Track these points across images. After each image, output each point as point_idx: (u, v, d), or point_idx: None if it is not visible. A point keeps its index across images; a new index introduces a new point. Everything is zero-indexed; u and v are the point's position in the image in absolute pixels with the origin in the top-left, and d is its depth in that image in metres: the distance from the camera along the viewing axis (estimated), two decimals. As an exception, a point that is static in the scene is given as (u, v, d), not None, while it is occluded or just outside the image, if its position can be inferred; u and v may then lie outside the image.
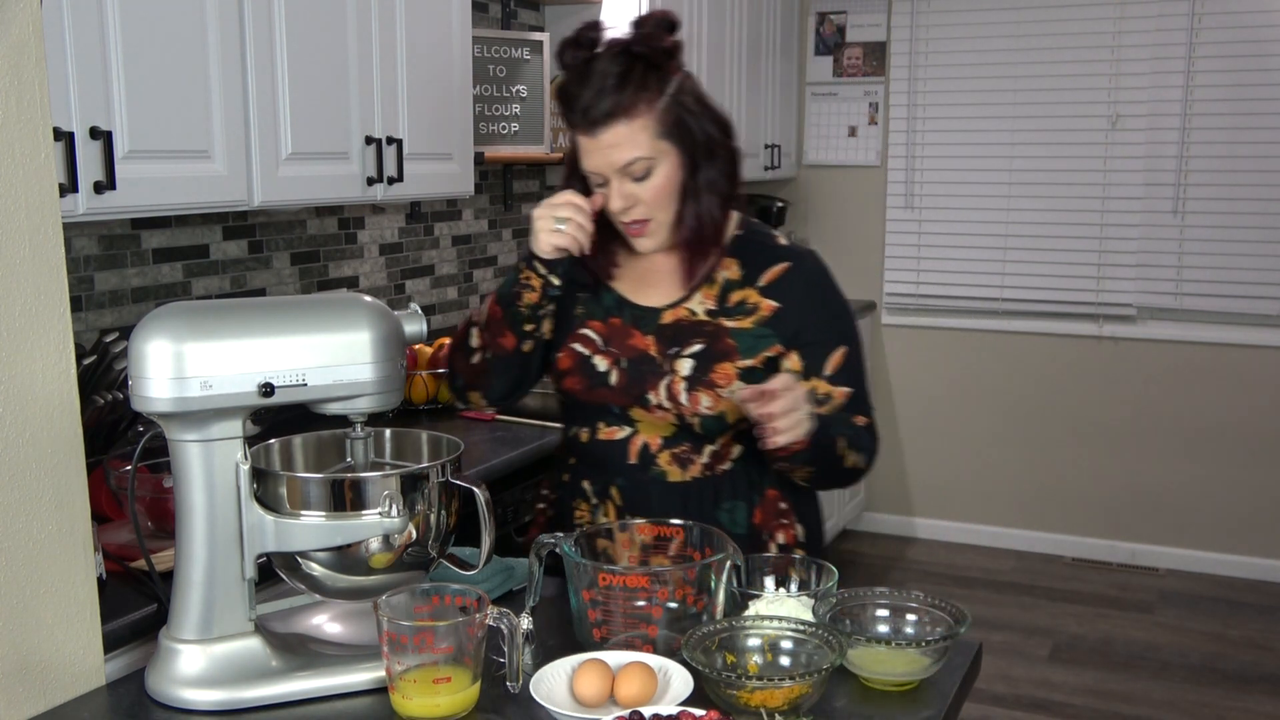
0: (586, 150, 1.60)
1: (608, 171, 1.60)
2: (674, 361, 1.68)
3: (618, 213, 1.63)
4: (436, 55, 2.65)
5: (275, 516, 1.36)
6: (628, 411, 1.70)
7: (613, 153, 1.58)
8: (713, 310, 1.70)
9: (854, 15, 4.78)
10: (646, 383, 1.68)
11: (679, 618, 1.43)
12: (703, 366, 1.66)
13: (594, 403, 1.72)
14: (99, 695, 1.41)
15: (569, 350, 1.74)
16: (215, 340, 1.31)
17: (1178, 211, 4.39)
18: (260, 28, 2.15)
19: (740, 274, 1.71)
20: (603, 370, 1.71)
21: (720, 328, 1.69)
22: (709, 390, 1.65)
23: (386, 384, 1.40)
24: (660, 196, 1.62)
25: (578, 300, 1.75)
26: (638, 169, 1.59)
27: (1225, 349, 4.42)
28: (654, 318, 1.72)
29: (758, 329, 1.68)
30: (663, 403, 1.67)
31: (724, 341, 1.68)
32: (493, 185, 3.55)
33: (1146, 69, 4.36)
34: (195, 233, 2.54)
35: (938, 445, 4.90)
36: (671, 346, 1.69)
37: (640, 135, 1.58)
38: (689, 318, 1.70)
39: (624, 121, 1.57)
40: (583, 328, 1.74)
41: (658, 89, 1.59)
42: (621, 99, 1.56)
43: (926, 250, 4.79)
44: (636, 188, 1.61)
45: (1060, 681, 3.64)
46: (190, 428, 1.33)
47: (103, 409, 1.95)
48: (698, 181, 1.64)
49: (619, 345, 1.71)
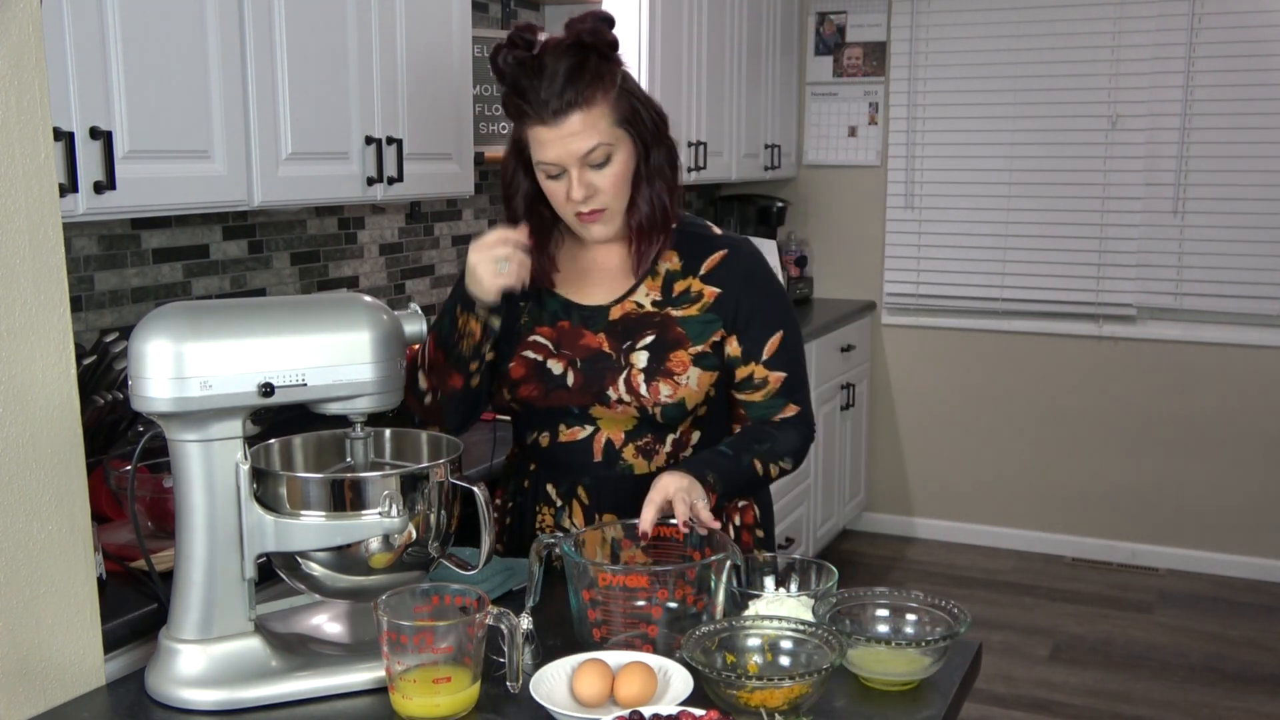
0: (544, 141, 1.61)
1: (568, 161, 1.61)
2: (629, 355, 1.70)
3: (578, 202, 1.64)
4: (436, 55, 2.65)
5: (275, 516, 1.36)
6: (588, 410, 1.72)
7: (573, 141, 1.60)
8: (659, 301, 1.74)
9: (854, 15, 4.78)
10: (605, 379, 1.70)
11: (679, 618, 1.43)
12: (657, 356, 1.70)
13: (552, 406, 1.74)
14: (99, 695, 1.41)
15: (521, 359, 1.75)
16: (215, 340, 1.31)
17: (1178, 211, 4.39)
18: (260, 28, 2.14)
19: (680, 264, 1.75)
20: (558, 373, 1.72)
21: (668, 317, 1.72)
22: (667, 379, 1.69)
23: (386, 384, 1.40)
24: (618, 184, 1.65)
25: (520, 310, 1.77)
26: (597, 156, 1.61)
27: (1225, 349, 4.42)
28: (602, 315, 1.74)
29: (703, 315, 1.73)
30: (623, 397, 1.69)
31: (674, 330, 1.72)
32: (493, 185, 3.55)
33: (1146, 69, 4.36)
34: (195, 233, 2.54)
35: (938, 445, 4.90)
36: (624, 341, 1.71)
37: (600, 123, 1.61)
38: (636, 311, 1.73)
39: (583, 110, 1.59)
40: (531, 335, 1.75)
41: (610, 79, 1.62)
42: (581, 88, 1.58)
43: (926, 250, 4.78)
44: (595, 176, 1.63)
45: (1060, 681, 3.64)
46: (190, 428, 1.33)
47: (103, 409, 1.95)
48: (650, 168, 1.69)
49: (571, 347, 1.73)
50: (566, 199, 1.65)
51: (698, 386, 1.71)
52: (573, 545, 1.50)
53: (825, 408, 4.31)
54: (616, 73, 1.64)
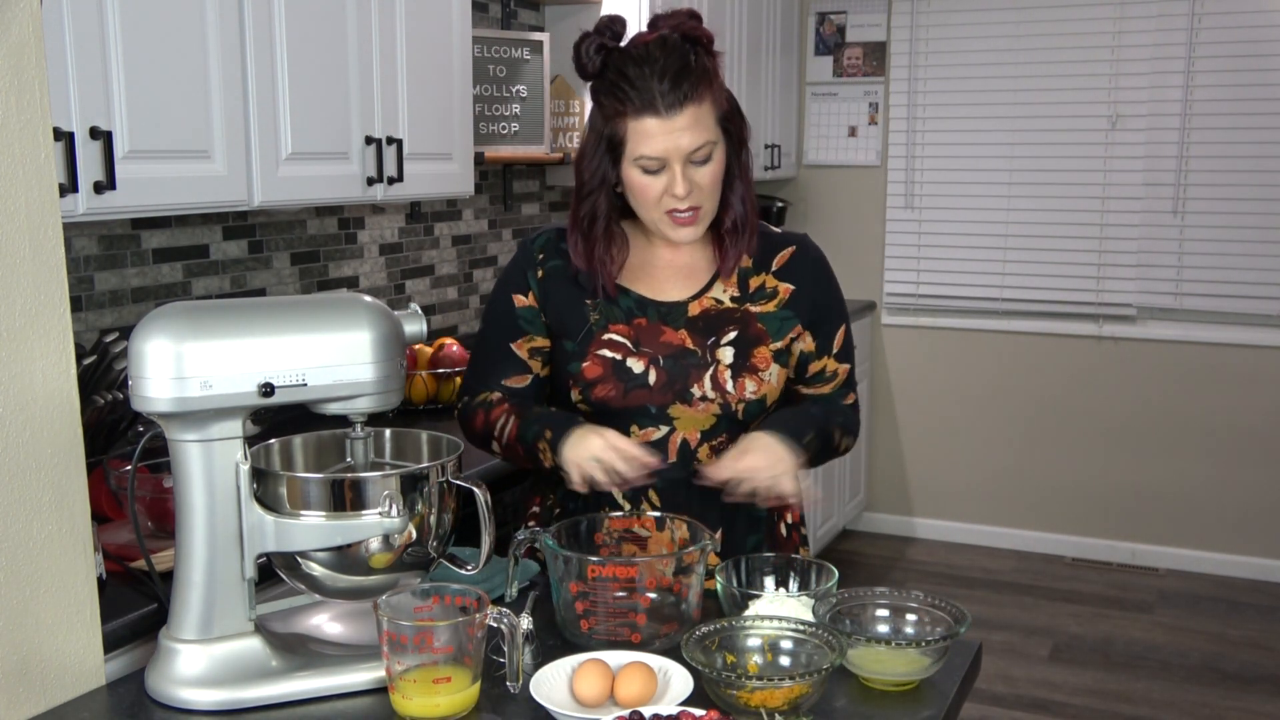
0: (652, 134, 1.57)
1: (674, 156, 1.58)
2: (715, 351, 1.69)
3: (679, 198, 1.60)
4: (436, 55, 2.65)
5: (275, 516, 1.36)
6: (666, 410, 1.68)
7: (683, 136, 1.57)
8: (737, 297, 1.73)
9: (854, 15, 4.78)
10: (689, 376, 1.67)
11: (661, 605, 1.46)
12: (742, 352, 1.69)
13: (630, 406, 1.68)
14: (99, 695, 1.41)
15: (596, 358, 1.68)
16: (215, 340, 1.31)
17: (1178, 211, 4.39)
18: (260, 28, 2.14)
19: (751, 261, 1.75)
20: (639, 371, 1.68)
21: (748, 313, 1.72)
22: (752, 375, 1.69)
23: (386, 384, 1.40)
24: (716, 183, 1.64)
25: (588, 307, 1.71)
26: (703, 153, 1.60)
27: (1225, 349, 4.42)
28: (681, 311, 1.71)
29: (781, 311, 1.73)
30: (707, 394, 1.67)
31: (755, 326, 1.71)
32: (493, 185, 3.55)
33: (1146, 69, 4.36)
34: (195, 233, 2.54)
35: (938, 445, 4.90)
36: (708, 337, 1.70)
37: (708, 119, 1.60)
38: (716, 307, 1.72)
39: (696, 104, 1.58)
40: (605, 333, 1.69)
41: (714, 75, 1.61)
42: (695, 82, 1.57)
43: (926, 250, 4.79)
44: (697, 173, 1.61)
45: (1060, 681, 3.64)
46: (190, 428, 1.33)
47: (103, 409, 1.95)
48: (741, 166, 1.68)
49: (651, 344, 1.69)
50: (662, 195, 1.61)
51: (778, 382, 1.72)
52: (553, 538, 1.50)
53: (825, 408, 4.31)
54: (719, 70, 1.63)
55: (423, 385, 2.82)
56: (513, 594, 1.53)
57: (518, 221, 3.69)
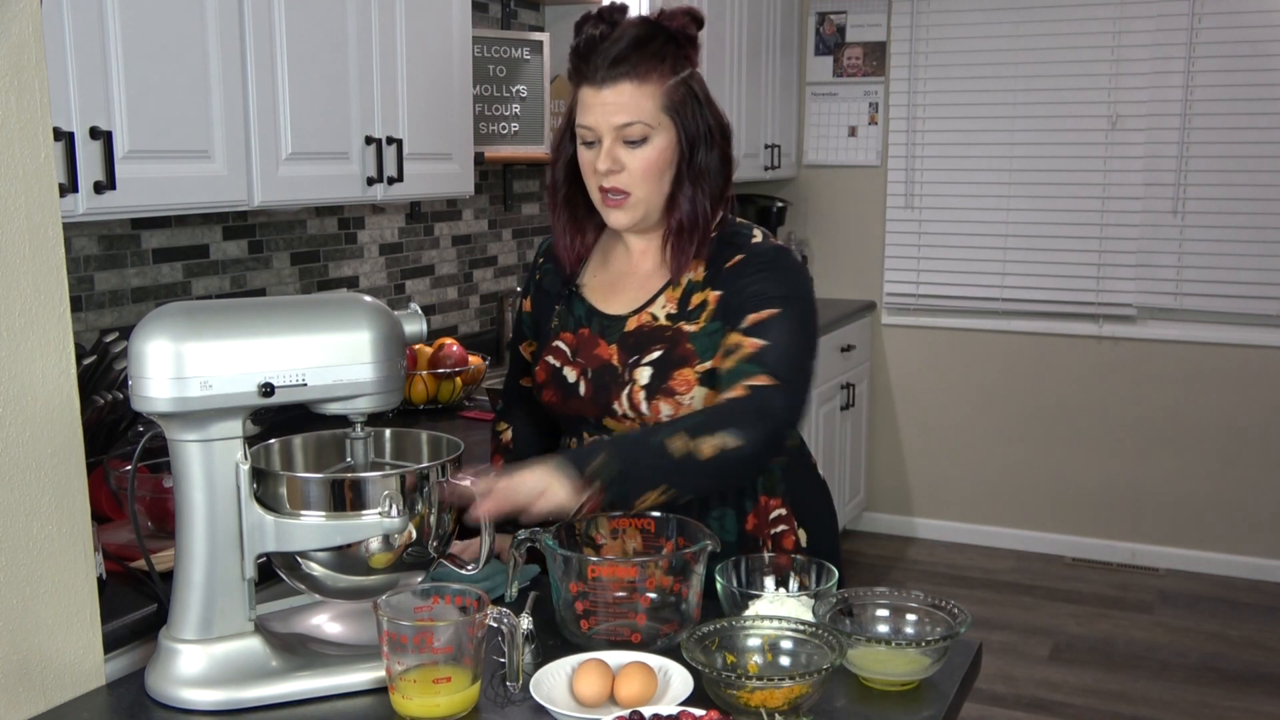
0: (588, 105, 1.60)
1: (603, 129, 1.59)
2: (633, 370, 1.65)
3: (601, 174, 1.60)
4: (436, 55, 2.65)
5: (275, 516, 1.36)
6: (602, 421, 1.69)
7: (614, 110, 1.58)
8: (673, 314, 1.66)
9: (854, 15, 4.78)
10: (610, 393, 1.66)
11: (661, 605, 1.46)
12: (661, 374, 1.63)
13: (570, 414, 1.72)
14: (99, 695, 1.41)
15: (543, 363, 1.74)
16: (215, 340, 1.31)
17: (1178, 212, 4.39)
18: (260, 28, 2.14)
19: (704, 275, 1.67)
20: (572, 381, 1.70)
21: (679, 332, 1.65)
22: (668, 398, 1.62)
23: (386, 384, 1.40)
24: (648, 170, 1.60)
25: (554, 312, 1.76)
26: (634, 132, 1.58)
27: (1225, 349, 4.42)
28: (619, 326, 1.69)
29: (709, 325, 1.64)
30: (627, 413, 1.65)
31: (683, 346, 1.64)
32: (493, 185, 3.55)
33: (1146, 69, 4.36)
34: (195, 233, 2.54)
35: (938, 445, 4.90)
36: (632, 355, 1.66)
37: (645, 101, 1.58)
38: (650, 323, 1.67)
39: (633, 82, 1.57)
40: (556, 340, 1.74)
41: (672, 66, 1.60)
42: (638, 59, 1.57)
43: (926, 250, 4.78)
44: (627, 154, 1.59)
45: (1060, 681, 3.64)
46: (190, 428, 1.33)
47: (103, 409, 1.95)
48: (693, 169, 1.63)
49: (586, 356, 1.70)
50: (594, 171, 1.61)
51: (702, 405, 1.61)
52: (554, 538, 1.50)
53: (825, 408, 4.31)
54: (682, 65, 1.61)
55: (423, 385, 2.82)
56: (513, 594, 1.53)
57: (518, 221, 3.69)
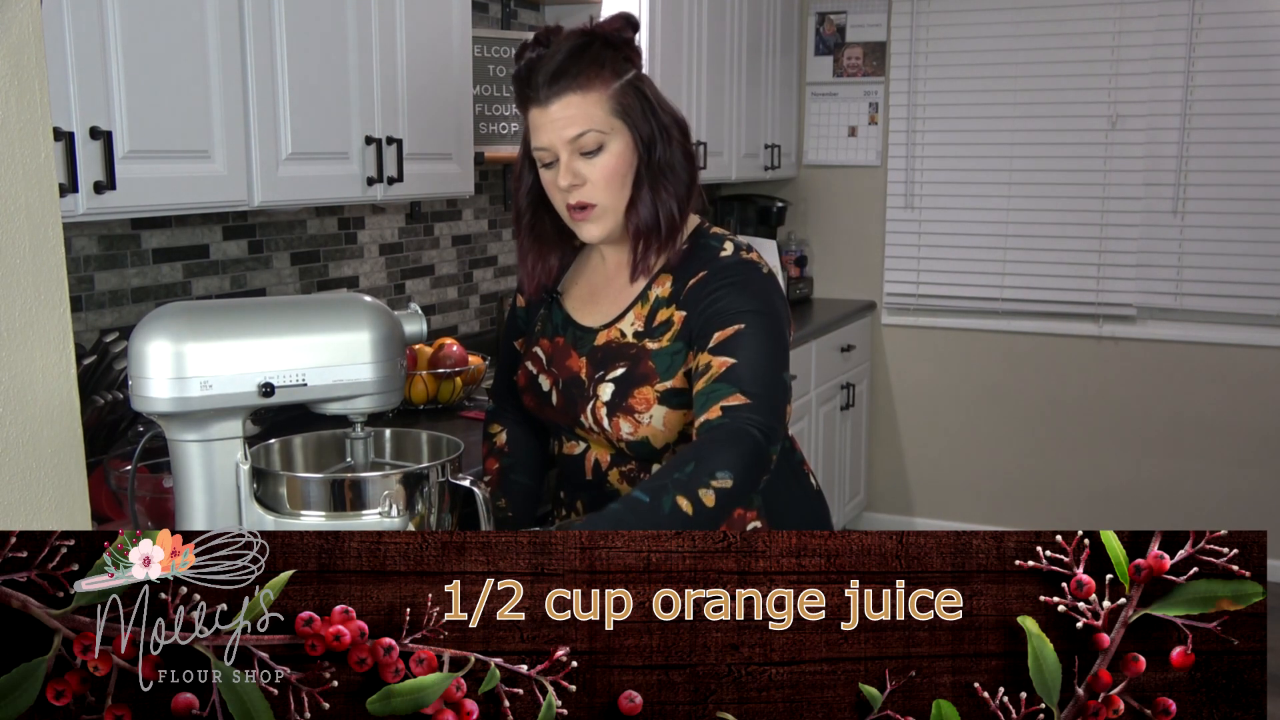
0: (538, 126, 1.57)
1: (558, 146, 1.56)
2: (597, 386, 1.63)
3: (564, 190, 1.57)
4: (436, 55, 2.65)
5: (275, 516, 1.36)
6: (574, 430, 1.69)
7: (564, 125, 1.54)
8: (640, 331, 1.63)
9: (854, 15, 4.78)
10: (577, 405, 1.65)
11: None
12: (622, 391, 1.60)
13: (546, 420, 1.73)
14: (99, 695, 1.40)
15: (523, 368, 1.75)
16: (215, 340, 1.31)
17: (1177, 211, 4.39)
18: (260, 28, 2.14)
19: (670, 290, 1.63)
20: (545, 390, 1.71)
21: (643, 350, 1.61)
22: (628, 416, 1.59)
23: (386, 384, 1.40)
24: (610, 177, 1.57)
25: (538, 318, 1.77)
26: (588, 142, 1.55)
27: (1225, 349, 4.42)
28: (590, 339, 1.68)
29: (672, 345, 1.60)
30: (592, 427, 1.64)
31: (645, 364, 1.60)
32: (493, 185, 3.55)
33: (1146, 69, 4.35)
34: (195, 233, 2.54)
35: (938, 445, 4.90)
36: (598, 370, 1.64)
37: (594, 109, 1.55)
38: (618, 340, 1.64)
39: (578, 93, 1.54)
40: (536, 345, 1.75)
41: (613, 70, 1.58)
42: (577, 69, 1.54)
43: (926, 250, 4.78)
44: (585, 165, 1.56)
45: (1060, 681, 3.63)
46: (190, 428, 1.33)
47: (103, 409, 1.95)
48: (652, 169, 1.59)
49: (559, 366, 1.70)
50: (558, 189, 1.58)
51: (664, 426, 1.58)
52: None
53: (825, 408, 4.31)
54: (623, 67, 1.59)
55: (422, 385, 2.82)
56: None
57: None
